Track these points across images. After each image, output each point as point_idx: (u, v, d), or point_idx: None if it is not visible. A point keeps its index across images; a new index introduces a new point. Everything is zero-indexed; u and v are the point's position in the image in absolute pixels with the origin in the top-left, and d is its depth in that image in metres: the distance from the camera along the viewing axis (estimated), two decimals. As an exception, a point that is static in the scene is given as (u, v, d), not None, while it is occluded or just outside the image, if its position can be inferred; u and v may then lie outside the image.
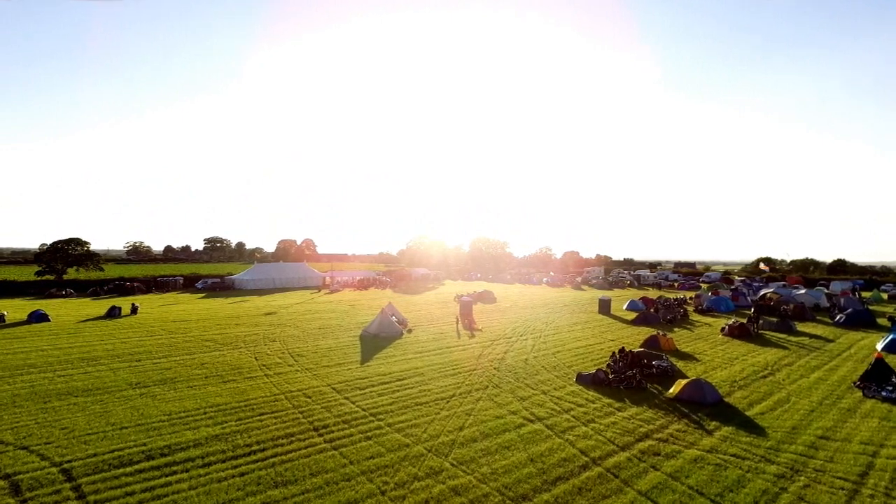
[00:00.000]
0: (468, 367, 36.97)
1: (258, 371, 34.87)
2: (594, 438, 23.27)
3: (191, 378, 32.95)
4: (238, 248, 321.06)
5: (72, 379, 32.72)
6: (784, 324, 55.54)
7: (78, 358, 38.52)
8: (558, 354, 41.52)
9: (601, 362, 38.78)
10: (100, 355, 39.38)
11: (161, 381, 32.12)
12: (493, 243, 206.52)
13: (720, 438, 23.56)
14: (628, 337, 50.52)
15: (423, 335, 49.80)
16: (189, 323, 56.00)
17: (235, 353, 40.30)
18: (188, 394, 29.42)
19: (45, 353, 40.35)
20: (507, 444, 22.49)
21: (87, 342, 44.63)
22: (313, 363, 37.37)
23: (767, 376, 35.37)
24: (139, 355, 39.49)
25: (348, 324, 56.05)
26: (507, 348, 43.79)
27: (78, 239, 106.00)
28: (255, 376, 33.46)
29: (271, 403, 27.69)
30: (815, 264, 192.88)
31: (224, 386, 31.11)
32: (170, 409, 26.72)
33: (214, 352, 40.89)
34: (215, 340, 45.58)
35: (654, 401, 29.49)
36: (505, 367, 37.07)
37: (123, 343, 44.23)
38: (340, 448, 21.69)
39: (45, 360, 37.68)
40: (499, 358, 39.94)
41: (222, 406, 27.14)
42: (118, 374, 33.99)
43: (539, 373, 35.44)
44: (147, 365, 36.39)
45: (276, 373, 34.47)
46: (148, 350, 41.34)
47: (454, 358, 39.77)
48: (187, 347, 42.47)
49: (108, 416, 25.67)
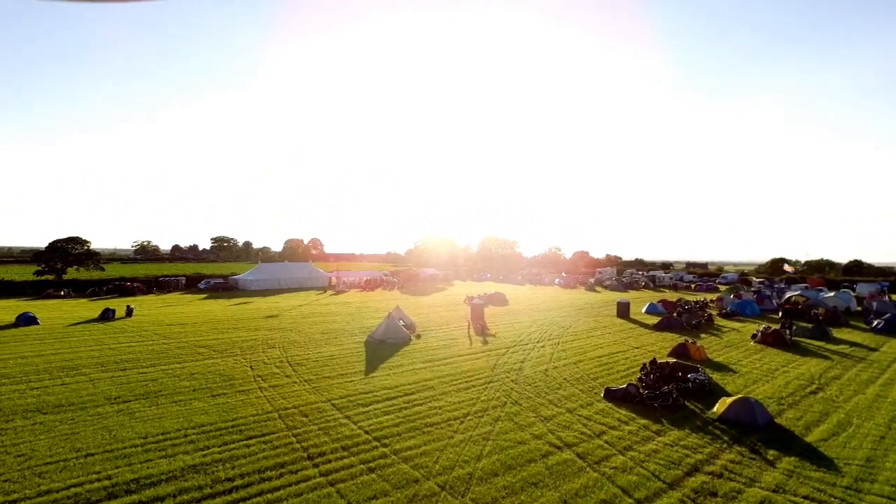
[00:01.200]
0: (483, 379, 33.58)
1: (252, 383, 31.59)
2: (636, 472, 19.80)
3: (177, 391, 29.70)
4: (245, 247, 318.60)
5: (45, 392, 29.55)
6: (819, 330, 51.81)
7: (58, 367, 35.37)
8: (580, 364, 38.06)
9: (627, 373, 35.37)
10: (83, 364, 36.22)
11: (143, 395, 28.88)
12: (503, 242, 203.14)
13: (784, 473, 20.02)
14: (652, 344, 46.99)
15: (433, 341, 46.45)
16: (185, 327, 52.85)
17: (230, 362, 37.06)
18: (171, 411, 26.16)
19: (24, 360, 37.25)
20: (534, 479, 19.07)
21: (73, 348, 41.52)
22: (313, 374, 34.08)
23: (817, 392, 31.78)
24: (125, 363, 36.30)
25: (353, 328, 52.75)
26: (523, 357, 40.37)
27: (78, 238, 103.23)
28: (249, 389, 30.18)
29: (262, 424, 24.36)
30: (830, 265, 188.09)
31: (212, 401, 27.82)
32: (147, 430, 23.45)
33: (207, 360, 37.67)
34: (210, 347, 42.36)
35: (696, 422, 26.00)
36: (523, 379, 33.67)
37: (111, 349, 41.08)
38: (338, 483, 18.32)
39: (21, 370, 34.53)
40: (516, 368, 36.54)
41: (207, 427, 23.84)
42: (98, 385, 30.80)
43: (562, 386, 32.01)
44: (132, 375, 33.19)
45: (272, 385, 31.17)
46: (136, 358, 38.15)
47: (467, 368, 36.40)
48: (179, 355, 39.26)
49: (75, 439, 22.44)
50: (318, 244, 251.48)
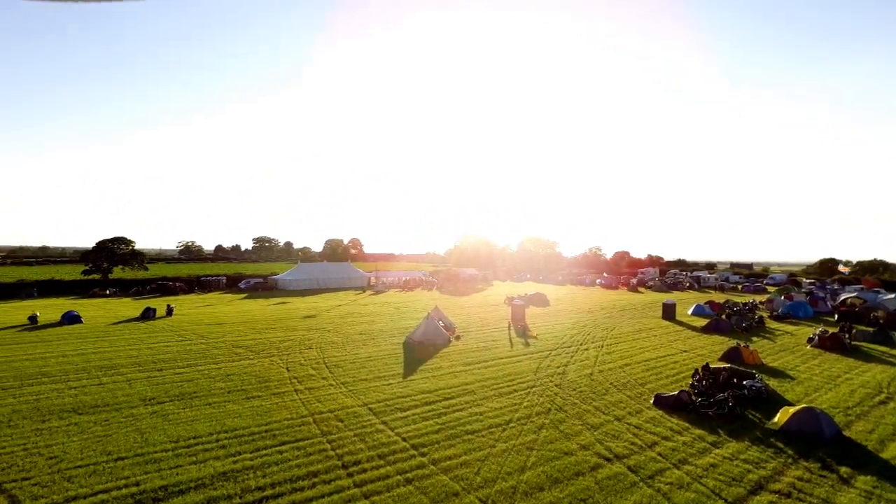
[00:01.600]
0: (525, 383, 32.27)
1: (287, 385, 30.88)
2: (694, 489, 18.26)
3: (212, 393, 29.16)
4: (286, 247, 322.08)
5: (82, 392, 29.32)
6: (881, 334, 48.99)
7: (97, 366, 35.30)
8: (627, 369, 36.42)
9: (677, 379, 33.64)
10: (121, 363, 36.10)
11: (178, 397, 28.40)
12: (543, 242, 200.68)
13: (863, 494, 18.23)
14: (702, 348, 44.95)
15: (473, 343, 45.26)
16: (224, 326, 52.74)
17: (266, 363, 36.50)
18: (204, 413, 25.54)
19: (65, 359, 37.35)
20: (583, 494, 17.72)
21: (113, 347, 41.59)
22: (350, 376, 33.23)
23: (887, 401, 29.59)
24: (162, 363, 36.06)
25: (392, 329, 51.91)
26: (567, 360, 38.89)
27: (123, 238, 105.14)
28: (284, 392, 29.45)
29: (296, 429, 23.52)
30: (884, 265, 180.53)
31: (246, 404, 27.15)
32: (179, 433, 22.83)
33: (244, 360, 37.20)
34: (247, 347, 41.96)
35: (756, 433, 24.25)
36: (567, 383, 32.25)
37: (150, 349, 40.99)
38: (373, 496, 17.28)
39: (61, 369, 34.56)
40: (559, 372, 35.12)
41: (239, 431, 23.11)
42: (134, 386, 30.47)
43: (608, 392, 30.49)
44: (168, 376, 32.84)
45: (308, 387, 30.41)
46: (173, 358, 37.91)
47: (508, 371, 35.12)
48: (215, 355, 38.91)
49: (107, 441, 21.93)
50: (357, 244, 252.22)
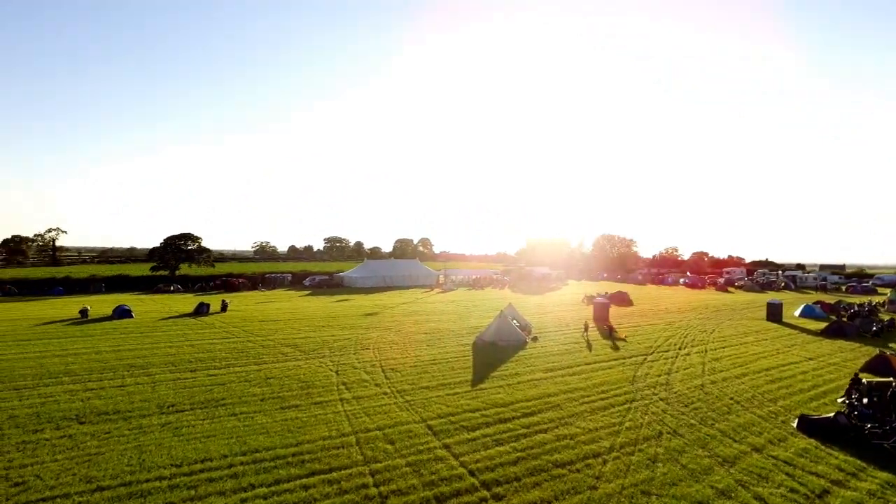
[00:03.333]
0: (622, 395, 26.04)
1: (333, 392, 25.72)
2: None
3: (242, 400, 24.29)
4: (356, 247, 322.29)
5: (97, 395, 25.04)
6: None
7: (127, 364, 31.27)
8: (745, 379, 29.57)
9: (816, 394, 26.68)
10: (154, 362, 31.97)
11: (202, 404, 23.66)
12: (619, 241, 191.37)
13: None
14: (830, 355, 37.28)
15: (552, 345, 39.14)
16: (277, 323, 48.48)
17: (314, 365, 31.58)
18: (226, 427, 20.61)
19: (97, 356, 33.63)
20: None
21: (153, 344, 37.74)
22: (409, 383, 27.82)
23: None
24: (198, 363, 31.70)
25: (460, 328, 46.33)
26: (667, 367, 32.32)
27: (190, 234, 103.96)
28: (327, 401, 24.28)
29: (333, 452, 18.20)
30: None
31: (279, 416, 22.10)
32: (185, 453, 17.89)
33: (289, 361, 32.41)
34: (297, 346, 37.26)
35: (963, 476, 17.31)
36: (675, 396, 25.82)
37: (191, 346, 36.88)
38: (426, 569, 11.69)
39: (88, 367, 30.68)
40: (661, 382, 28.66)
41: (262, 454, 17.98)
42: (157, 389, 26.00)
43: (731, 409, 23.91)
44: (199, 378, 28.30)
45: (357, 396, 25.15)
46: (212, 357, 33.56)
47: (599, 380, 28.91)
48: (259, 354, 34.33)
49: (95, 462, 17.22)
50: (427, 244, 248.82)
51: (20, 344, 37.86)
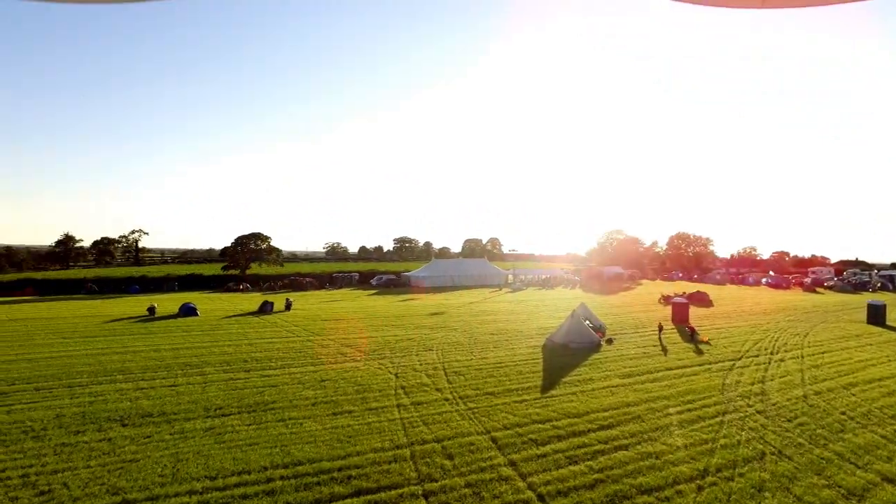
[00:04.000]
0: (712, 406, 23.01)
1: (391, 397, 23.78)
2: None
3: (293, 404, 22.66)
4: (425, 247, 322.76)
5: (146, 395, 23.99)
6: None
7: (182, 363, 30.37)
8: (856, 391, 25.86)
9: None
10: (210, 361, 30.99)
11: (250, 407, 22.16)
12: (695, 240, 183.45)
13: None
14: (954, 364, 32.78)
15: (629, 347, 36.12)
16: (340, 323, 47.21)
17: (373, 366, 29.81)
18: (271, 434, 18.94)
19: (156, 353, 33.01)
20: None
21: (211, 342, 37.00)
22: (473, 388, 25.60)
23: None
24: (253, 363, 30.48)
25: (529, 329, 43.77)
26: (760, 374, 28.87)
27: (259, 234, 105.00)
28: (383, 407, 22.35)
29: (384, 468, 16.18)
30: None
31: (329, 423, 20.29)
32: (223, 464, 16.26)
33: (348, 363, 30.77)
34: (357, 346, 35.66)
35: None
36: (774, 409, 22.60)
37: (249, 345, 35.87)
38: None
39: (143, 365, 29.95)
40: (756, 392, 25.37)
41: (305, 467, 16.15)
42: (207, 390, 24.75)
43: (846, 427, 20.55)
44: (252, 379, 26.96)
45: (416, 402, 23.13)
46: (268, 357, 32.32)
47: (684, 388, 25.89)
48: (317, 355, 32.88)
49: (128, 470, 15.81)
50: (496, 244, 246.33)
51: (86, 340, 37.87)
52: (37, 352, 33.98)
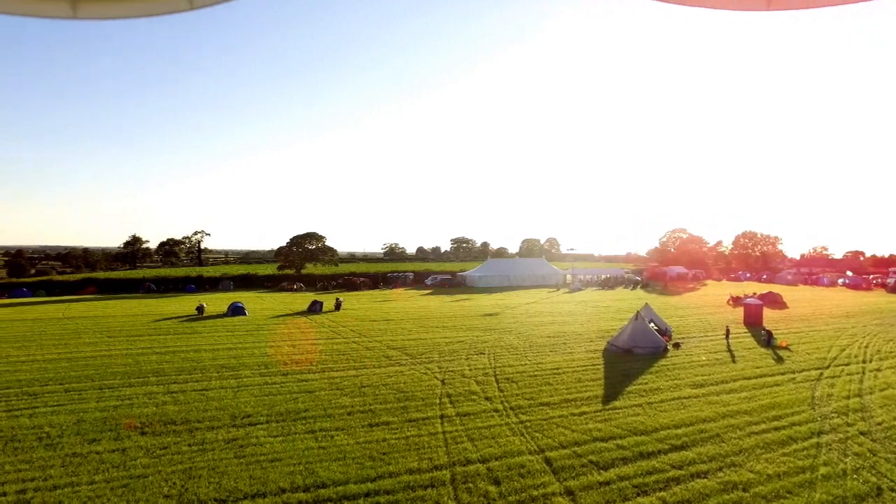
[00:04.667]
0: (802, 423, 19.84)
1: (435, 407, 21.53)
2: None
3: (327, 413, 20.68)
4: (482, 247, 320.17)
5: (175, 399, 22.52)
6: None
7: (219, 365, 28.98)
8: (979, 408, 22.17)
9: None
10: (247, 363, 29.51)
11: (280, 416, 20.28)
12: (762, 239, 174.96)
13: None
14: None
15: (698, 352, 32.87)
16: (389, 323, 45.35)
17: (419, 371, 27.65)
18: (297, 448, 16.93)
19: (195, 354, 31.89)
20: None
21: (254, 343, 35.69)
22: (527, 397, 23.11)
23: None
24: (293, 365, 28.85)
25: (589, 331, 40.87)
26: (854, 386, 25.30)
27: (314, 234, 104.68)
28: (425, 419, 20.11)
29: (419, 493, 13.90)
30: None
31: (364, 435, 18.17)
32: (237, 483, 14.33)
33: (392, 367, 28.72)
34: (404, 349, 33.61)
35: None
36: (881, 430, 19.25)
37: (292, 346, 34.34)
38: None
39: (179, 366, 28.69)
40: (853, 407, 21.98)
41: (327, 491, 14.04)
42: (239, 395, 23.09)
43: (977, 454, 17.16)
44: (287, 384, 25.16)
45: (462, 413, 20.80)
46: (310, 359, 30.65)
47: (766, 401, 22.71)
48: (361, 358, 30.97)
49: (132, 489, 14.10)
50: (554, 243, 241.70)
51: (130, 340, 37.19)
52: (79, 351, 33.36)
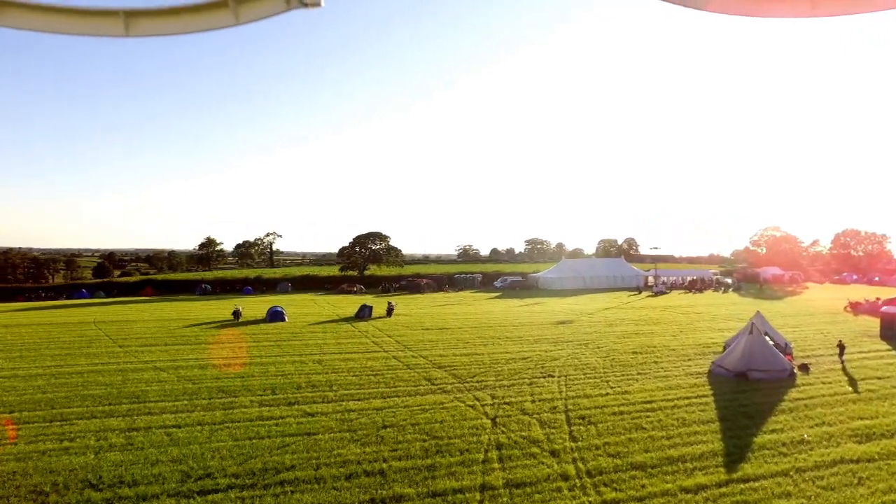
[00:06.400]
0: None
1: (475, 468, 14.84)
2: None
3: (317, 474, 14.37)
4: (557, 248, 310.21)
5: (127, 443, 16.87)
6: None
7: (217, 388, 23.38)
8: None
9: None
10: (252, 386, 23.76)
11: (251, 476, 14.14)
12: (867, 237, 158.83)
13: None
14: None
15: (837, 378, 24.77)
16: (443, 333, 38.97)
17: (465, 402, 21.06)
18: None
19: (199, 371, 26.74)
20: None
21: (277, 356, 30.27)
22: (612, 451, 16.08)
23: None
24: (306, 391, 22.84)
25: (684, 346, 33.17)
26: None
27: (378, 233, 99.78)
28: (458, 491, 13.48)
29: None
30: None
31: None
32: None
33: (431, 395, 22.24)
34: (452, 369, 27.05)
35: None
36: None
37: (317, 363, 28.48)
38: None
39: (167, 388, 23.41)
40: None
41: None
42: (214, 437, 17.15)
43: None
44: (287, 418, 19.08)
45: (514, 480, 14.04)
46: (331, 381, 24.53)
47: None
48: (395, 380, 24.63)
49: None
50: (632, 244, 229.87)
51: (138, 351, 32.66)
52: (70, 365, 28.98)
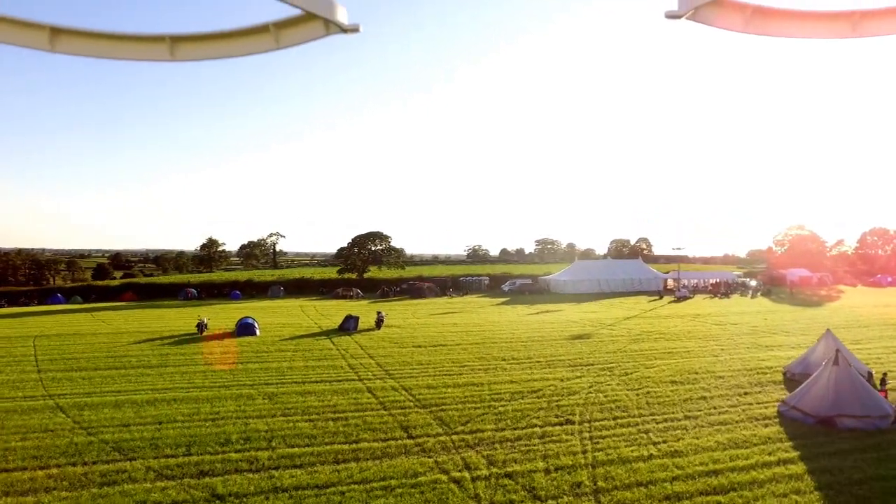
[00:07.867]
0: None
1: None
2: None
3: None
4: (568, 248, 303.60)
5: None
6: None
7: (115, 444, 17.00)
8: None
9: None
10: (167, 438, 17.43)
11: None
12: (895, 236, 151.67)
13: None
14: None
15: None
16: (439, 352, 32.73)
17: (450, 470, 14.75)
18: None
19: (111, 411, 20.13)
20: None
21: (219, 390, 24.04)
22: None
23: None
24: (231, 449, 16.47)
25: (733, 371, 26.64)
26: None
27: (379, 233, 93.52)
28: None
29: None
30: None
31: None
32: None
33: (405, 455, 15.96)
34: (442, 407, 20.77)
35: None
36: None
37: (269, 397, 22.26)
38: None
39: (33, 446, 16.96)
40: None
41: None
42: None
43: None
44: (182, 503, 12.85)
45: None
46: (276, 429, 18.21)
47: None
48: (359, 431, 18.24)
49: None
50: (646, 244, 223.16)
51: (60, 379, 26.82)
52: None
